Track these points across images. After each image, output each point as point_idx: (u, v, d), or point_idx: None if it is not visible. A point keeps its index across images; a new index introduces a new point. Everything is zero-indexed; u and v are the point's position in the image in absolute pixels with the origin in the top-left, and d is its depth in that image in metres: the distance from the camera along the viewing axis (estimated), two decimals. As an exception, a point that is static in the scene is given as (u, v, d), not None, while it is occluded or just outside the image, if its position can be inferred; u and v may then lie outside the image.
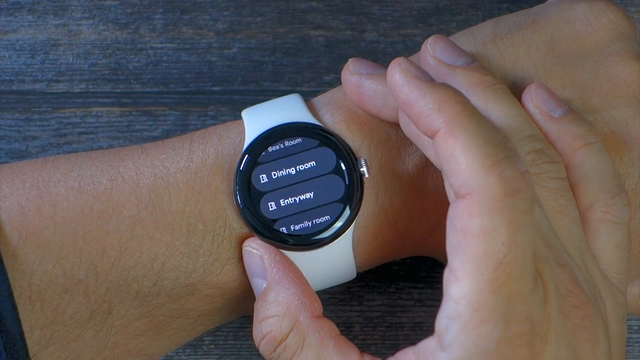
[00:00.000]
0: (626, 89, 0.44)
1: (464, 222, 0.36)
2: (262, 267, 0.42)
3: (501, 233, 0.35)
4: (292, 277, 0.41)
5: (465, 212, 0.36)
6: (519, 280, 0.35)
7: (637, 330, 0.52)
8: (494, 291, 0.35)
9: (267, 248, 0.42)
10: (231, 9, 0.55)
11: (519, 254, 0.35)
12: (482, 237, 0.35)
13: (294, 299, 0.41)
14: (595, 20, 0.45)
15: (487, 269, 0.35)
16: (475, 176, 0.36)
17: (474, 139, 0.36)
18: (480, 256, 0.35)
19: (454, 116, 0.37)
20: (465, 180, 0.36)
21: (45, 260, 0.40)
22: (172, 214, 0.42)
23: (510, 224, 0.35)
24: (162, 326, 0.43)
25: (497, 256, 0.35)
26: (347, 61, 0.44)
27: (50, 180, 0.42)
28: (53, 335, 0.41)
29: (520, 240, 0.35)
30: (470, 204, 0.36)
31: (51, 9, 0.55)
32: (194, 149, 0.43)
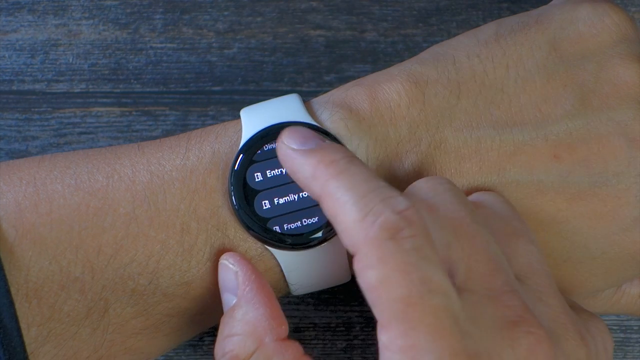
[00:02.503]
0: (627, 91, 0.44)
1: (363, 277, 0.36)
2: (235, 284, 0.41)
3: (395, 278, 0.35)
4: (263, 297, 0.41)
5: (359, 268, 0.36)
6: (435, 315, 0.35)
7: (637, 330, 0.51)
8: (414, 331, 0.35)
9: (242, 265, 0.41)
10: (231, 9, 0.55)
11: (423, 291, 0.35)
12: (381, 287, 0.35)
13: (261, 320, 0.40)
14: (599, 22, 0.45)
15: (398, 313, 0.35)
16: (355, 231, 0.36)
17: (347, 195, 0.37)
18: (387, 304, 0.35)
19: (327, 178, 0.38)
20: (350, 239, 0.36)
21: (41, 257, 0.40)
22: (167, 212, 0.42)
23: (401, 266, 0.35)
24: (158, 325, 0.43)
25: (402, 299, 0.35)
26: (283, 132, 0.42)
27: (47, 177, 0.42)
28: (50, 332, 0.41)
29: (417, 278, 0.35)
30: (360, 259, 0.36)
31: (51, 9, 0.55)
32: (191, 147, 0.43)
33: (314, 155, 0.39)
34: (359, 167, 0.38)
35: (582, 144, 0.43)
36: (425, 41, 0.55)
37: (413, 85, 0.44)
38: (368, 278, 0.36)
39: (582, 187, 0.43)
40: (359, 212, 0.36)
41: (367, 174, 0.38)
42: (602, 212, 0.43)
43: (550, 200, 0.43)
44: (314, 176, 0.38)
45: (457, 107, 0.44)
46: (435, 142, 0.43)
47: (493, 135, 0.43)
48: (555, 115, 0.44)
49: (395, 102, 0.43)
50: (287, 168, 0.40)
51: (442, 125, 0.43)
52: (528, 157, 0.43)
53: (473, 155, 0.43)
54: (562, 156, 0.43)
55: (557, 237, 0.44)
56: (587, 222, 0.44)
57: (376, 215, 0.36)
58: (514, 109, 0.44)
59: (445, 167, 0.43)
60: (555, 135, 0.43)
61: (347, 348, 0.51)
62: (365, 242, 0.36)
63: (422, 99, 0.43)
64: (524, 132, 0.43)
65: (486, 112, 0.44)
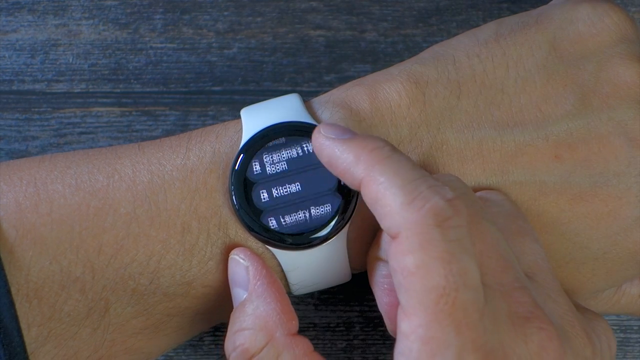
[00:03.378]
0: (627, 91, 0.44)
1: (399, 261, 0.36)
2: (246, 278, 0.41)
3: (436, 266, 0.35)
4: (274, 292, 0.41)
5: (398, 251, 0.36)
6: (464, 310, 0.35)
7: (637, 330, 0.51)
8: (440, 323, 0.35)
9: (254, 260, 0.42)
10: (231, 9, 0.55)
11: (459, 284, 0.35)
12: (418, 273, 0.35)
13: (272, 315, 0.40)
14: (599, 22, 0.45)
15: (429, 303, 0.35)
16: (400, 215, 0.36)
17: (393, 179, 0.37)
18: (420, 292, 0.35)
19: (372, 163, 0.38)
20: (392, 222, 0.36)
21: (42, 257, 0.40)
22: (168, 211, 0.42)
23: (443, 255, 0.35)
24: (159, 324, 0.43)
25: (437, 289, 0.35)
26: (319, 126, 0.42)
27: (47, 177, 0.42)
28: (50, 332, 0.41)
29: (458, 270, 0.35)
30: (400, 242, 0.36)
31: (51, 9, 0.55)
32: (191, 147, 0.43)
33: (357, 142, 0.39)
34: (403, 155, 0.38)
35: (583, 144, 0.43)
36: (425, 41, 0.55)
37: (413, 85, 0.44)
38: (405, 262, 0.36)
39: (583, 187, 0.43)
40: (407, 195, 0.36)
41: (412, 162, 0.38)
42: (603, 213, 0.43)
43: (552, 201, 0.43)
44: (357, 161, 0.38)
45: (457, 108, 0.44)
46: (437, 144, 0.43)
47: (494, 136, 0.43)
48: (556, 115, 0.44)
49: (396, 103, 0.43)
50: (326, 156, 0.40)
51: (443, 126, 0.43)
52: (530, 158, 0.43)
53: (476, 156, 0.43)
54: (563, 156, 0.43)
55: (559, 238, 0.44)
56: (588, 222, 0.44)
57: (425, 200, 0.36)
58: (515, 109, 0.44)
59: (448, 169, 0.43)
60: (556, 136, 0.43)
61: (347, 348, 0.51)
62: (409, 226, 0.36)
63: (422, 99, 0.43)
64: (524, 132, 0.43)
65: (487, 113, 0.44)
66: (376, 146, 0.39)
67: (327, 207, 0.42)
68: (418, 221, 0.36)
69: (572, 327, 0.39)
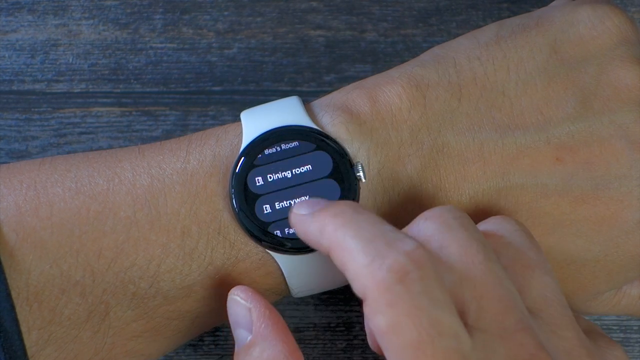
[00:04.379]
0: (628, 94, 0.44)
1: (372, 322, 0.36)
2: (249, 320, 0.41)
3: (406, 322, 0.35)
4: (279, 333, 0.40)
5: (369, 313, 0.36)
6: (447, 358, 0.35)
7: (637, 330, 0.51)
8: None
9: (255, 300, 0.41)
10: (231, 9, 0.55)
11: (433, 335, 0.35)
12: (390, 332, 0.35)
13: (280, 357, 0.40)
14: (600, 24, 0.45)
15: (410, 358, 0.35)
16: (363, 277, 0.36)
17: (354, 243, 0.37)
18: (397, 349, 0.35)
19: (333, 233, 0.38)
20: (358, 285, 0.36)
21: (42, 260, 0.40)
22: (168, 215, 0.42)
23: (410, 310, 0.35)
24: (159, 328, 0.43)
25: (412, 345, 0.35)
26: None
27: (47, 180, 0.42)
28: (51, 336, 0.41)
29: (428, 322, 0.35)
30: (368, 304, 0.36)
31: (51, 9, 0.55)
32: (191, 150, 0.43)
33: (322, 212, 0.39)
34: (364, 214, 0.38)
35: (584, 147, 0.43)
36: (425, 41, 0.55)
37: (414, 88, 0.44)
38: (378, 323, 0.35)
39: (585, 190, 0.43)
40: (366, 256, 0.36)
41: (373, 219, 0.38)
42: (605, 216, 0.43)
43: (554, 203, 0.43)
44: (321, 230, 0.38)
45: (458, 111, 0.43)
46: (438, 146, 0.43)
47: (495, 138, 0.43)
48: (557, 118, 0.44)
49: (397, 106, 0.43)
50: (299, 233, 0.40)
51: (444, 128, 0.43)
52: (531, 161, 0.43)
53: (476, 159, 0.43)
54: (564, 159, 0.43)
55: (560, 241, 0.44)
56: (590, 225, 0.44)
57: (383, 258, 0.36)
58: (516, 112, 0.44)
59: (449, 171, 0.43)
60: (557, 138, 0.43)
61: (347, 348, 0.51)
62: (373, 287, 0.35)
63: (423, 103, 0.43)
64: (526, 135, 0.43)
65: (488, 115, 0.44)
66: (336, 212, 0.38)
67: None
68: (380, 281, 0.35)
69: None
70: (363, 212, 0.38)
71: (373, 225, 0.37)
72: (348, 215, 0.38)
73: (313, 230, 0.39)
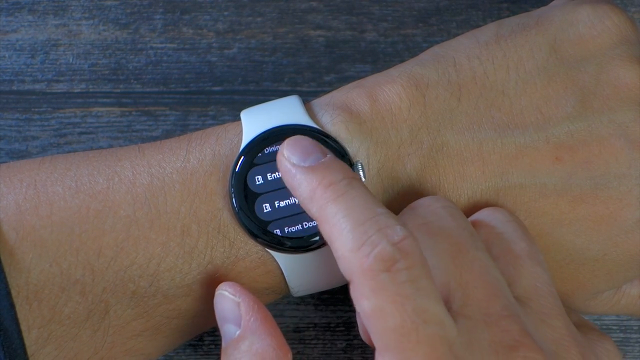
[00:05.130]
0: (627, 93, 0.44)
1: (357, 305, 0.36)
2: (237, 314, 0.41)
3: (390, 309, 0.35)
4: (268, 327, 0.40)
5: (354, 295, 0.36)
6: (431, 345, 0.35)
7: (637, 330, 0.51)
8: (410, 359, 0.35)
9: (244, 295, 0.41)
10: (231, 9, 0.55)
11: (418, 322, 0.35)
12: (375, 316, 0.35)
13: (269, 351, 0.40)
14: (599, 23, 0.45)
15: (392, 343, 0.35)
16: (350, 261, 0.36)
17: (343, 222, 0.37)
18: (381, 333, 0.35)
19: (324, 203, 0.38)
20: (344, 266, 0.36)
21: (42, 259, 0.40)
22: (167, 214, 0.42)
23: (395, 298, 0.35)
24: (159, 326, 0.43)
25: (396, 330, 0.35)
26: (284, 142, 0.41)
27: (47, 179, 0.42)
28: (51, 334, 0.41)
29: (412, 309, 0.35)
30: (355, 288, 0.36)
31: (51, 9, 0.55)
32: (191, 149, 0.43)
33: (313, 175, 0.39)
34: (358, 190, 0.38)
35: (583, 146, 0.43)
36: (425, 41, 0.55)
37: (414, 87, 0.44)
38: (363, 307, 0.36)
39: (584, 189, 0.43)
40: (355, 241, 0.36)
41: (366, 198, 0.38)
42: (604, 215, 0.43)
43: (553, 203, 0.43)
44: (311, 197, 0.38)
45: (457, 110, 0.44)
46: (437, 145, 0.43)
47: (495, 138, 0.43)
48: (556, 117, 0.44)
49: (396, 105, 0.43)
50: (286, 183, 0.40)
51: (444, 128, 0.43)
52: (530, 160, 0.43)
53: (475, 158, 0.43)
54: (563, 158, 0.43)
55: (560, 240, 0.44)
56: (589, 224, 0.44)
57: (372, 246, 0.36)
58: (515, 111, 0.44)
59: (448, 171, 0.43)
60: (557, 138, 0.43)
61: (347, 348, 0.51)
62: (359, 272, 0.36)
63: (422, 102, 0.43)
64: (525, 134, 0.43)
65: (487, 115, 0.44)
66: (332, 180, 0.38)
67: None
68: (367, 267, 0.36)
69: (566, 352, 0.39)
70: (356, 186, 0.38)
71: (365, 204, 0.37)
72: (342, 188, 0.38)
73: (303, 191, 0.39)
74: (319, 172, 0.39)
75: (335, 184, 0.38)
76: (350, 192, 0.38)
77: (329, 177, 0.38)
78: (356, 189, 0.38)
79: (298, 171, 0.39)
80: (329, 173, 0.39)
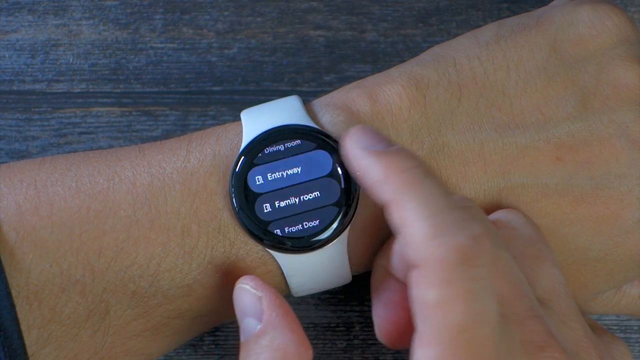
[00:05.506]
0: (627, 93, 0.44)
1: (420, 293, 0.36)
2: (258, 309, 0.40)
3: (456, 304, 0.35)
4: (290, 322, 0.40)
5: (419, 282, 0.36)
6: (481, 346, 0.35)
7: (637, 330, 0.52)
8: (455, 357, 0.35)
9: (266, 289, 0.41)
10: (231, 9, 0.55)
11: (478, 321, 0.35)
12: (438, 307, 0.35)
13: (290, 346, 0.39)
14: (599, 24, 0.45)
15: (447, 338, 0.35)
16: (424, 248, 0.36)
17: (421, 208, 0.36)
18: (439, 326, 0.35)
19: (401, 186, 0.37)
20: (415, 252, 0.36)
21: (42, 259, 0.40)
22: (168, 214, 0.42)
23: (465, 293, 0.35)
24: (159, 327, 0.43)
25: (455, 326, 0.35)
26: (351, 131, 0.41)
27: (47, 179, 0.42)
28: (51, 334, 0.41)
29: (478, 308, 0.35)
30: (422, 274, 0.36)
31: (51, 9, 0.55)
32: (191, 149, 0.43)
33: (387, 158, 0.38)
34: (433, 179, 0.38)
35: (584, 146, 0.43)
36: (425, 41, 0.55)
37: (414, 87, 0.44)
38: (426, 295, 0.35)
39: (585, 189, 0.43)
40: (433, 228, 0.36)
41: (442, 188, 0.37)
42: (605, 215, 0.44)
43: (554, 203, 0.43)
44: (384, 181, 0.38)
45: (458, 110, 0.44)
46: (438, 146, 0.43)
47: (495, 138, 0.43)
48: (557, 117, 0.44)
49: (397, 105, 0.43)
50: (354, 168, 0.39)
51: (444, 128, 0.43)
52: (531, 160, 0.43)
53: (477, 159, 0.43)
54: (564, 158, 0.43)
55: (561, 240, 0.44)
56: (590, 225, 0.44)
57: (451, 236, 0.36)
58: (515, 111, 0.44)
59: (450, 172, 0.43)
60: (557, 138, 0.43)
61: (347, 348, 0.51)
62: (433, 261, 0.35)
63: (423, 102, 0.43)
64: (526, 134, 0.43)
65: (487, 115, 0.44)
66: (407, 166, 0.38)
67: (330, 213, 0.42)
68: (443, 257, 0.35)
69: (587, 354, 0.39)
70: (430, 175, 0.38)
71: (442, 194, 0.37)
72: (417, 175, 0.37)
73: (374, 174, 0.38)
74: (392, 157, 0.38)
75: (410, 170, 0.38)
76: (426, 180, 0.37)
77: (404, 162, 0.38)
78: (432, 178, 0.38)
79: (369, 155, 0.39)
80: (403, 158, 0.38)
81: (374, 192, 0.38)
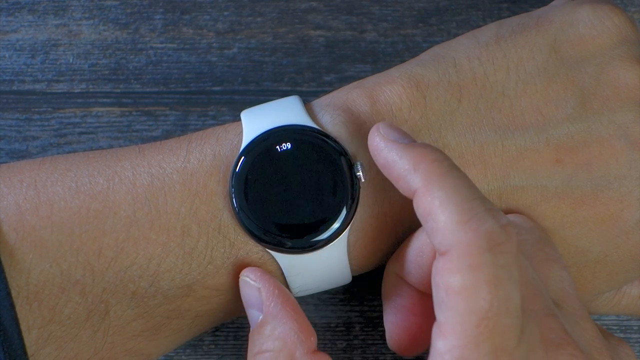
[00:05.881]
0: (627, 93, 0.44)
1: (445, 279, 0.36)
2: (259, 300, 0.41)
3: (482, 289, 0.35)
4: (289, 311, 0.41)
5: (445, 268, 0.36)
6: (503, 335, 0.35)
7: (637, 330, 0.51)
8: (477, 347, 0.35)
9: (264, 280, 0.41)
10: (231, 9, 0.55)
11: (502, 309, 0.35)
12: (463, 293, 0.35)
13: (290, 334, 0.40)
14: (599, 24, 0.45)
15: (469, 325, 0.35)
16: (453, 232, 0.36)
17: (451, 195, 0.37)
18: (462, 312, 0.35)
19: (430, 174, 0.38)
20: (443, 238, 0.36)
21: (42, 259, 0.40)
22: (168, 214, 0.42)
23: (491, 279, 0.35)
24: (159, 327, 0.43)
25: (479, 312, 0.35)
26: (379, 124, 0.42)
27: (47, 180, 0.42)
28: (50, 335, 0.41)
29: (503, 295, 0.35)
30: (449, 260, 0.36)
31: (51, 9, 0.55)
32: (191, 149, 0.43)
33: (416, 150, 0.39)
34: (461, 172, 0.38)
35: (584, 147, 0.43)
36: (425, 41, 0.55)
37: (414, 88, 0.44)
38: (451, 281, 0.36)
39: (584, 191, 0.43)
40: (463, 214, 0.36)
41: (470, 181, 0.38)
42: (605, 216, 0.43)
43: (554, 205, 0.43)
44: (415, 169, 0.38)
45: (458, 111, 0.43)
46: (438, 147, 0.43)
47: (495, 140, 0.43)
48: (557, 118, 0.44)
49: (397, 106, 0.43)
50: (383, 158, 0.40)
51: (444, 129, 0.43)
52: (531, 162, 0.43)
53: (477, 161, 0.43)
54: (564, 160, 0.43)
55: (561, 242, 0.44)
56: (590, 226, 0.44)
57: (481, 222, 0.36)
58: (516, 112, 0.44)
59: None
60: (557, 139, 0.43)
61: (347, 348, 0.51)
62: (461, 246, 0.36)
63: (423, 103, 0.43)
64: (525, 136, 0.43)
65: (488, 116, 0.44)
66: (436, 158, 0.38)
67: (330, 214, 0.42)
68: (471, 242, 0.36)
69: (600, 354, 0.39)
70: (458, 168, 0.38)
71: (469, 185, 0.38)
72: (446, 166, 0.38)
73: (405, 163, 0.39)
74: (421, 148, 0.39)
75: (439, 161, 0.38)
76: (455, 171, 0.38)
77: (433, 153, 0.39)
78: (460, 170, 0.38)
79: (399, 146, 0.39)
80: (431, 150, 0.39)
81: (402, 181, 0.39)
